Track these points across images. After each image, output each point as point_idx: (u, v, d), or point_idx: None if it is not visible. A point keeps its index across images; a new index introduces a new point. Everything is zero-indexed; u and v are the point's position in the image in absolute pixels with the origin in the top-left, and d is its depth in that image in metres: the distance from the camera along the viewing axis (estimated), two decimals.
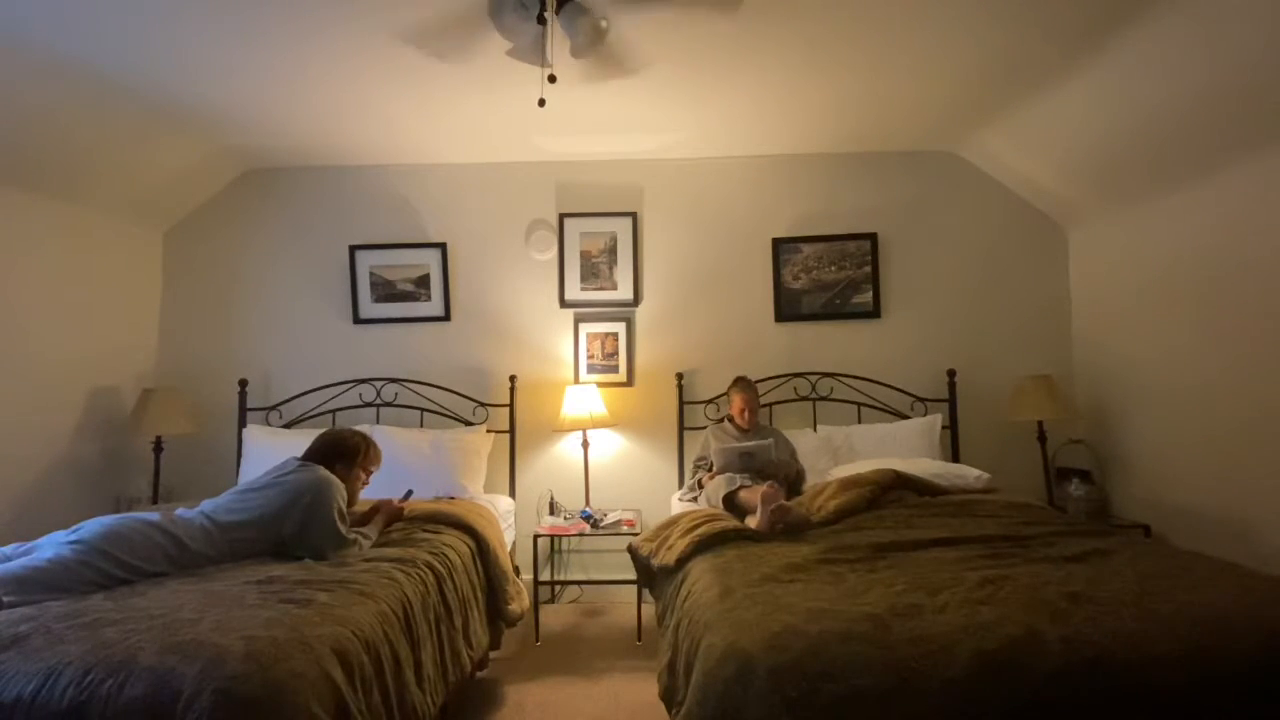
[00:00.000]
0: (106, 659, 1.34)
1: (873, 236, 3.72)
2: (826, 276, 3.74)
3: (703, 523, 2.38)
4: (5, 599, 1.65)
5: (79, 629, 1.47)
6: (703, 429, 3.45)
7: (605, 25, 2.23)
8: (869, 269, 3.72)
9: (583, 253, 3.78)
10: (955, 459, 3.50)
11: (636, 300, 3.79)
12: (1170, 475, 3.07)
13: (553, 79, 2.24)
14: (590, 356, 3.75)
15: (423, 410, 3.66)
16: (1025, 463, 3.52)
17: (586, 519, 3.29)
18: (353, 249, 3.76)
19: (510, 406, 3.69)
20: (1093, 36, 2.50)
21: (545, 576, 3.56)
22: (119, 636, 1.43)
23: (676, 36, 2.53)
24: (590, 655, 2.92)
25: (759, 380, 3.44)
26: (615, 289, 3.77)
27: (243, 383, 3.63)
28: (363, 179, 3.84)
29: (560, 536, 3.48)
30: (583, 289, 3.77)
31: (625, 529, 3.22)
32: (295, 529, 2.14)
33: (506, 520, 3.25)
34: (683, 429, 3.65)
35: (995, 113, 3.22)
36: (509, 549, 3.10)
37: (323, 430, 2.61)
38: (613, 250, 3.77)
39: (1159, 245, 3.11)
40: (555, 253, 3.79)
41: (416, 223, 3.83)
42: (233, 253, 3.83)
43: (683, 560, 2.23)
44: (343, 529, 2.19)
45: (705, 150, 3.72)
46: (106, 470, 3.49)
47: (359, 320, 3.78)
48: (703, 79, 2.89)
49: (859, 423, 3.54)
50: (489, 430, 3.58)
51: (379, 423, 3.56)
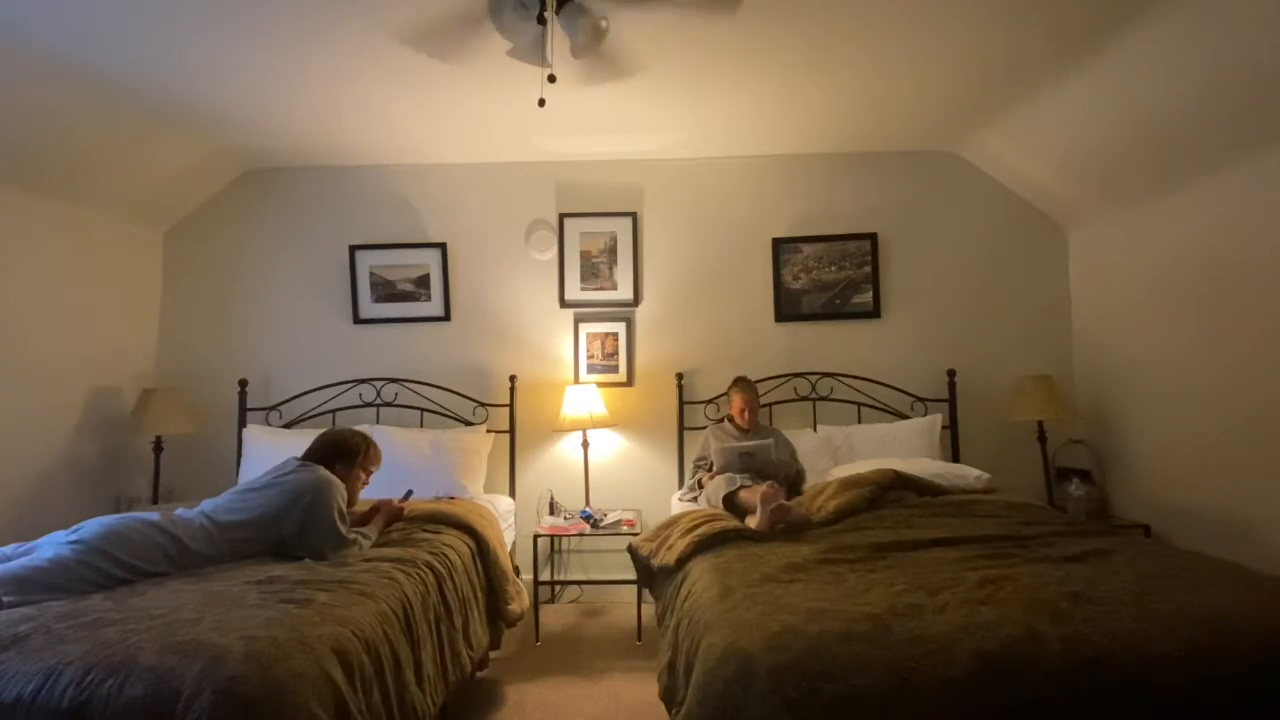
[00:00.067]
0: (106, 659, 1.34)
1: (873, 236, 3.72)
2: (826, 276, 3.73)
3: (703, 523, 2.38)
4: (5, 599, 1.65)
5: (79, 629, 1.48)
6: (703, 429, 3.45)
7: (605, 25, 2.23)
8: (869, 269, 3.72)
9: (583, 253, 3.78)
10: (955, 459, 3.50)
11: (636, 300, 3.79)
12: (1170, 475, 3.07)
13: (553, 79, 2.24)
14: (590, 356, 3.75)
15: (423, 410, 3.66)
16: (1025, 463, 3.52)
17: (586, 519, 3.29)
18: (353, 249, 3.76)
19: (510, 406, 3.69)
20: (1093, 36, 2.50)
21: (545, 576, 3.56)
22: (119, 636, 1.43)
23: (676, 36, 2.53)
24: (590, 655, 2.92)
25: (759, 380, 3.44)
26: (615, 289, 3.77)
27: (243, 383, 3.63)
28: (363, 179, 3.84)
29: (560, 536, 3.48)
30: (583, 289, 3.77)
31: (625, 529, 3.22)
32: (295, 529, 2.14)
33: (506, 520, 3.25)
34: (683, 429, 3.65)
35: (995, 113, 3.22)
36: (509, 549, 3.10)
37: (323, 430, 2.61)
38: (613, 250, 3.77)
39: (1159, 245, 3.10)
40: (555, 253, 3.79)
41: (416, 223, 3.83)
42: (233, 253, 3.83)
43: (683, 560, 2.24)
44: (343, 529, 2.19)
45: (705, 150, 3.72)
46: (106, 470, 3.49)
47: (359, 320, 3.78)
48: (702, 79, 2.89)
49: (859, 423, 3.54)
50: (489, 430, 3.58)
51: (379, 423, 3.56)
